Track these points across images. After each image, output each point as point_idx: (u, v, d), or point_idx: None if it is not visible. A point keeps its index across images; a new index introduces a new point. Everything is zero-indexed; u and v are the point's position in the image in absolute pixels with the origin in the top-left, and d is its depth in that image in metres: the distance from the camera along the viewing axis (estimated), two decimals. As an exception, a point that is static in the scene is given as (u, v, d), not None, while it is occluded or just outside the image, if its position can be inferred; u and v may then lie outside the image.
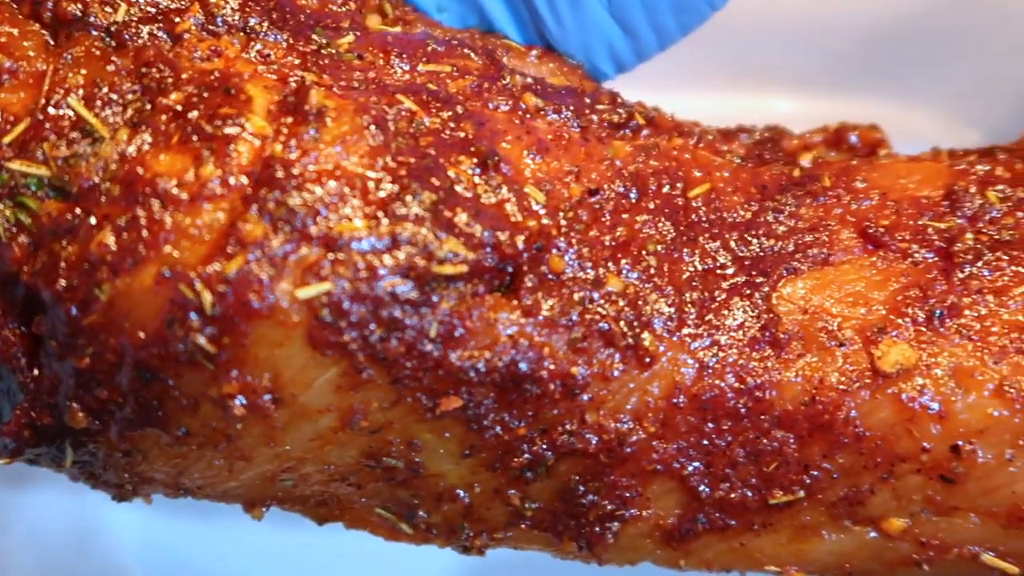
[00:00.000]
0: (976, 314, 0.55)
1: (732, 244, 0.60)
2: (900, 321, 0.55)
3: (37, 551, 0.84)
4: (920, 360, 0.54)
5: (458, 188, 0.54)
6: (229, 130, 0.52)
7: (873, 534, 0.57)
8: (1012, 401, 0.53)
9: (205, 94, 0.54)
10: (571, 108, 0.64)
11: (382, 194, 0.53)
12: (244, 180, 0.51)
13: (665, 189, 0.61)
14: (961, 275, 0.56)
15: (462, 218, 0.54)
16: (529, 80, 0.65)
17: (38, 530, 0.85)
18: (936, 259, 0.57)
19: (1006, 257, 0.56)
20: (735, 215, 0.61)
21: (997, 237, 0.57)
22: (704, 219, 0.61)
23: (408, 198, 0.53)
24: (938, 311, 0.55)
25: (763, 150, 0.69)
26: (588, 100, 0.66)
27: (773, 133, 0.70)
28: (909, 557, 0.57)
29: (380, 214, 0.52)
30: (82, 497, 0.85)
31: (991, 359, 0.54)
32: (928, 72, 0.94)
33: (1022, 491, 0.54)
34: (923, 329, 0.55)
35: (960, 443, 0.53)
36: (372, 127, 0.55)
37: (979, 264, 0.56)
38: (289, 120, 0.54)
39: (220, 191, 0.51)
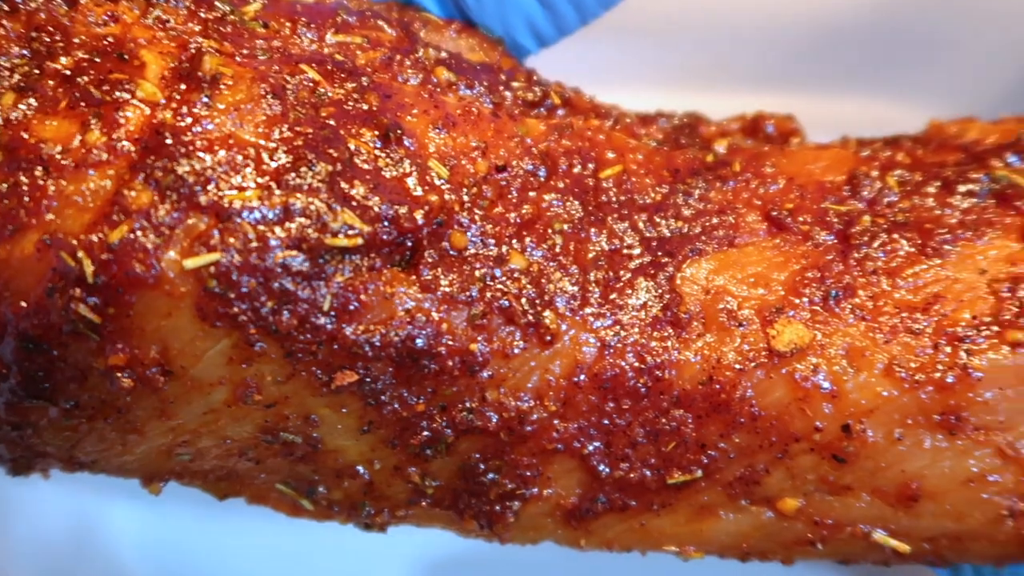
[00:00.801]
0: (869, 294, 0.55)
1: (640, 225, 0.59)
2: (797, 301, 0.55)
3: (37, 551, 0.84)
4: (814, 340, 0.54)
5: (357, 160, 0.54)
6: (119, 95, 0.51)
7: (769, 514, 0.57)
8: (901, 381, 0.53)
9: (97, 59, 0.52)
10: (484, 84, 0.63)
11: (276, 164, 0.52)
12: (131, 147, 0.50)
13: (576, 169, 0.61)
14: (857, 256, 0.56)
15: (359, 190, 0.53)
16: (444, 55, 0.64)
17: (38, 530, 0.84)
18: (835, 241, 0.57)
19: (900, 239, 0.56)
20: (646, 197, 0.61)
21: (893, 219, 0.57)
22: (614, 200, 0.60)
23: (303, 169, 0.52)
24: (834, 292, 0.55)
25: (680, 135, 0.68)
26: (504, 77, 0.65)
27: (691, 119, 0.70)
28: (804, 536, 0.57)
29: (273, 184, 0.51)
30: (82, 497, 0.87)
31: (882, 339, 0.54)
32: (919, 70, 0.94)
33: (911, 470, 0.54)
34: (819, 309, 0.55)
35: (851, 422, 0.54)
36: (270, 96, 0.54)
37: (874, 245, 0.56)
38: (183, 87, 0.52)
39: (106, 158, 0.50)
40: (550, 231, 0.58)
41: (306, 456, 0.58)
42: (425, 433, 0.56)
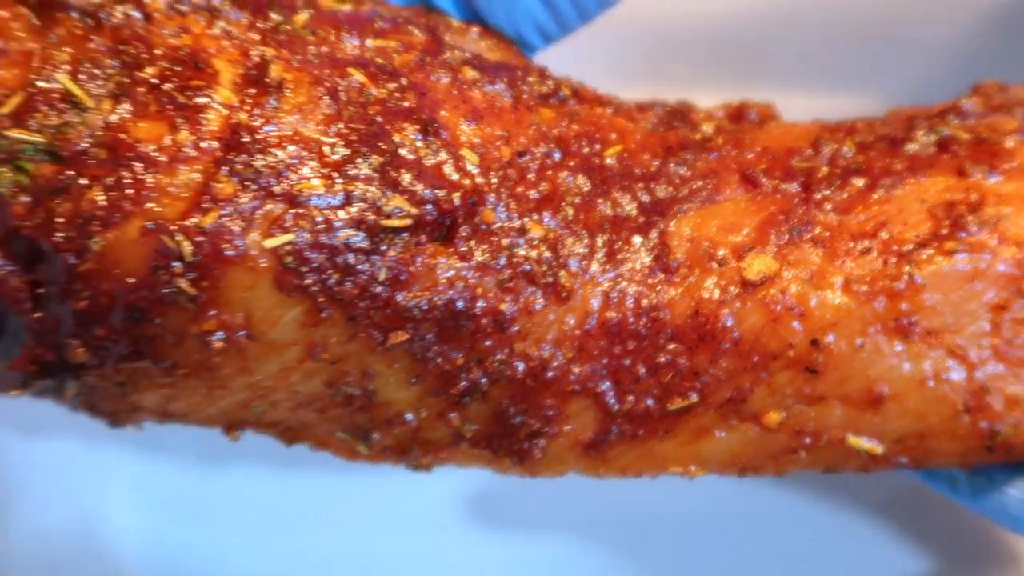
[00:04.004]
0: (827, 227, 0.66)
1: (638, 193, 0.70)
2: (766, 239, 0.66)
3: (37, 551, 0.85)
4: (781, 268, 0.65)
5: (402, 152, 0.63)
6: (200, 100, 0.60)
7: (756, 429, 0.67)
8: (857, 294, 0.64)
9: (177, 68, 0.61)
10: (504, 80, 0.73)
11: (336, 157, 0.61)
12: (215, 144, 0.59)
13: (584, 150, 0.71)
14: (816, 198, 0.67)
15: (406, 178, 0.62)
16: (467, 55, 0.73)
17: (38, 530, 0.86)
18: (798, 190, 0.68)
19: (854, 182, 0.67)
20: (643, 170, 0.71)
21: (848, 168, 0.68)
22: (616, 174, 0.70)
23: (359, 160, 0.61)
24: (796, 228, 0.66)
25: (673, 119, 0.78)
26: (520, 73, 0.75)
27: (682, 106, 0.80)
28: (788, 447, 0.68)
29: (335, 174, 0.61)
30: (82, 497, 0.89)
31: (838, 261, 0.65)
32: (928, 70, 0.96)
33: (874, 374, 0.64)
34: (784, 243, 0.66)
35: (818, 337, 0.64)
36: (326, 97, 0.63)
37: (831, 188, 0.67)
38: (252, 91, 0.61)
39: (194, 154, 0.59)
40: (563, 203, 0.68)
41: (363, 406, 0.68)
42: (464, 383, 0.66)
